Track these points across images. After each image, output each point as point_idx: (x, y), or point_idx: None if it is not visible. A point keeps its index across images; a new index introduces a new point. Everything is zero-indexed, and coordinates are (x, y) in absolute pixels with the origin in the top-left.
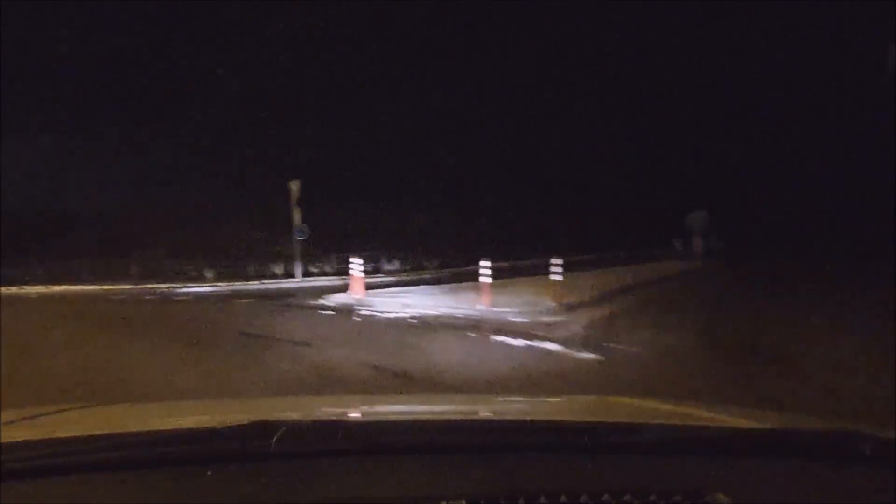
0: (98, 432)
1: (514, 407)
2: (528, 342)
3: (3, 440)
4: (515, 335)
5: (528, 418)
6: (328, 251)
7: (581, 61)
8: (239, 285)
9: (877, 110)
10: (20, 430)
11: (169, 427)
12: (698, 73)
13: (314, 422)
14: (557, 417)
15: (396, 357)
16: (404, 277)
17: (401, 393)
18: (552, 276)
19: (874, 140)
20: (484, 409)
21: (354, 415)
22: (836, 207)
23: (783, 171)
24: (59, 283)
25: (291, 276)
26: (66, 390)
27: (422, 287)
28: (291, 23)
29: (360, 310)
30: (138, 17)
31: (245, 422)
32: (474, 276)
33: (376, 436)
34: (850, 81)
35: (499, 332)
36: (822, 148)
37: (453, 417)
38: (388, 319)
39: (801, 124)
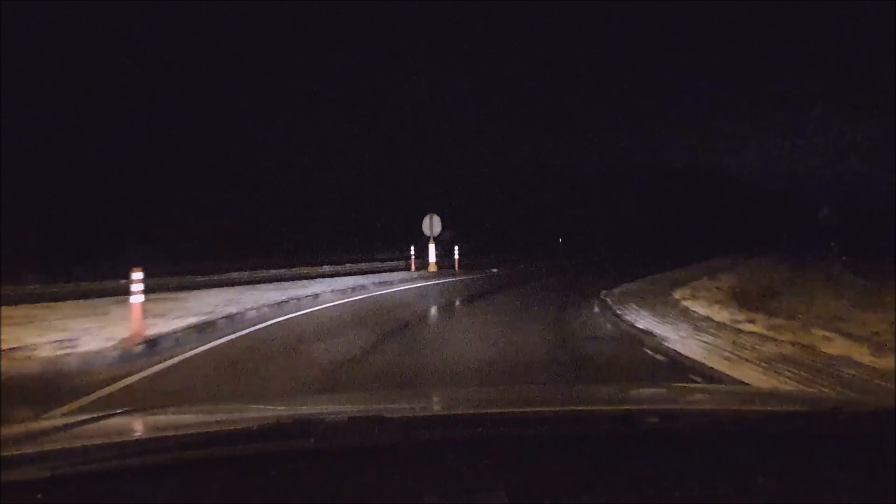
0: (137, 437)
1: (553, 396)
2: None
3: (49, 447)
4: None
5: (567, 408)
6: None
7: None
8: None
9: None
10: (63, 438)
11: (208, 430)
12: None
13: (351, 418)
14: (597, 406)
15: None
16: None
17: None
18: None
19: None
20: (523, 401)
21: (391, 410)
22: None
23: None
24: None
25: None
26: None
27: None
28: None
29: None
30: None
31: (285, 420)
32: None
33: (414, 431)
34: None
35: None
36: None
37: (490, 410)
38: None
39: None
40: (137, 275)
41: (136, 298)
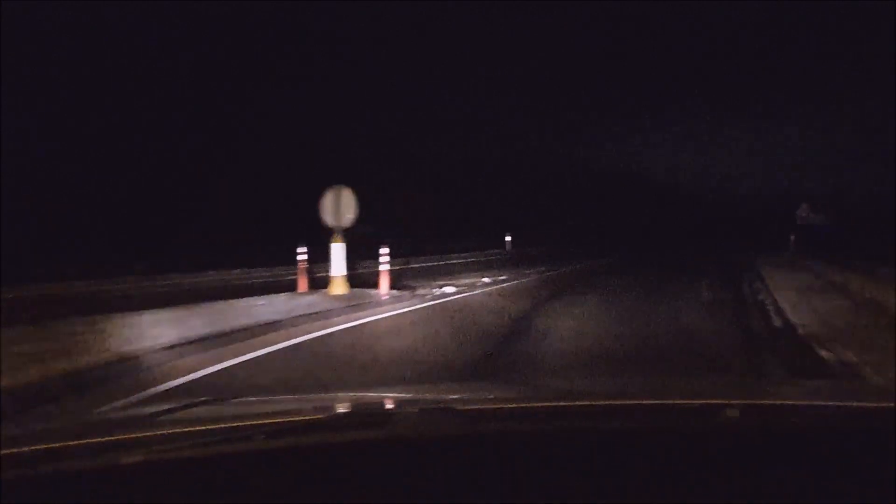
0: (211, 427)
1: (629, 389)
2: None
3: (142, 433)
4: None
5: (641, 401)
6: None
7: None
8: None
9: None
10: (154, 425)
11: (278, 420)
12: None
13: (423, 409)
14: (674, 399)
15: None
16: None
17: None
18: None
19: None
20: (599, 394)
21: (463, 402)
22: None
23: None
24: None
25: None
26: None
27: None
28: None
29: None
30: None
31: (357, 411)
32: None
33: (485, 423)
34: None
35: None
36: None
37: (562, 403)
38: None
39: None
40: None
41: None
